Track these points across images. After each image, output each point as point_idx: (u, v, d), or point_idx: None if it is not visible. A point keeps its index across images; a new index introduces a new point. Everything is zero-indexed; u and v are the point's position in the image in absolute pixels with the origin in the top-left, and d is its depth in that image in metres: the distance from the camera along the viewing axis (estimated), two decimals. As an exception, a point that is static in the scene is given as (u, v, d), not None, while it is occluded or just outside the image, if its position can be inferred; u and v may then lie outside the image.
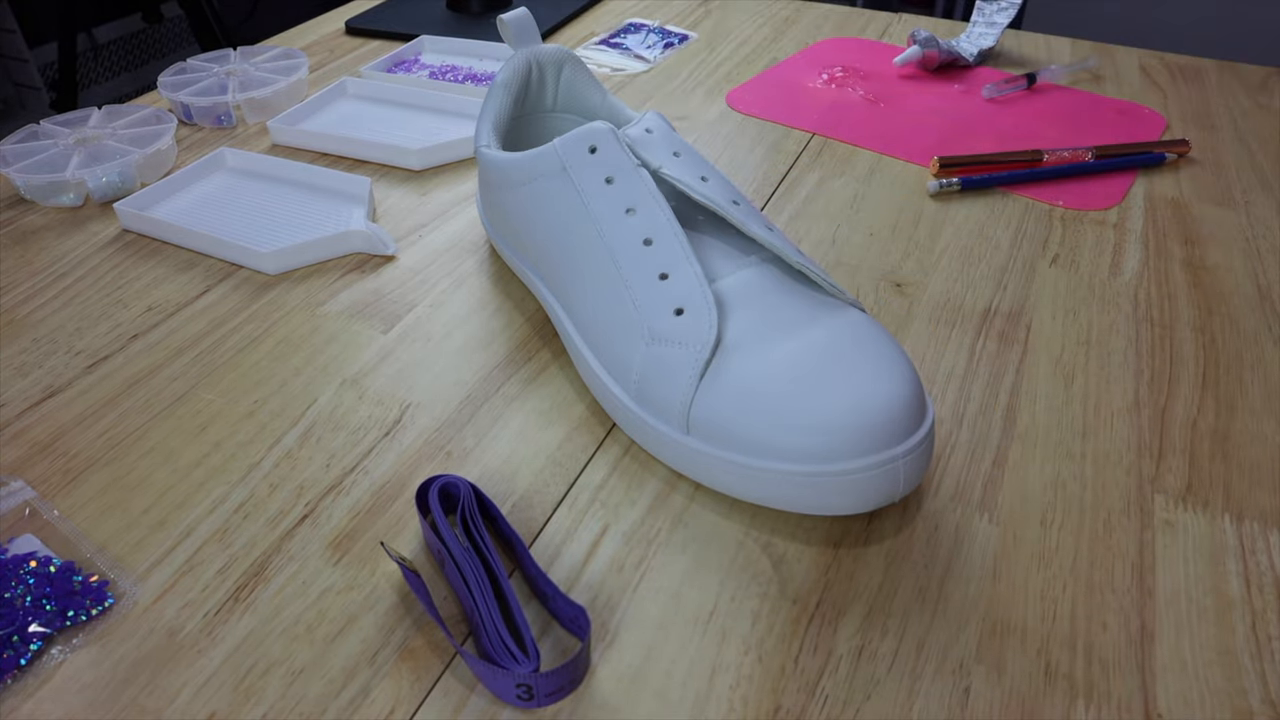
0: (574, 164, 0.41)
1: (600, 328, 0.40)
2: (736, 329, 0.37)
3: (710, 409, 0.36)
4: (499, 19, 0.49)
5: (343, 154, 0.63)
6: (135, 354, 0.46)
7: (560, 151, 0.41)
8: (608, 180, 0.40)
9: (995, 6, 0.80)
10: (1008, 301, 0.49)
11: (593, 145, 0.41)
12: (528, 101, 0.52)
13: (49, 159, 0.58)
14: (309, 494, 0.38)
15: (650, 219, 0.39)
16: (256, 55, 0.73)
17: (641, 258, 0.39)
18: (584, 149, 0.41)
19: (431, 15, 0.87)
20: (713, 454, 0.36)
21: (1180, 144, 0.63)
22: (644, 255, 0.39)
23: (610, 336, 0.39)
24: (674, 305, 0.37)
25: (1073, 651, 0.32)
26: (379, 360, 0.45)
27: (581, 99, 0.52)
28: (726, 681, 0.31)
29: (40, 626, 0.32)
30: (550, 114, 0.53)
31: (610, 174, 0.40)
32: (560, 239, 0.42)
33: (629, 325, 0.38)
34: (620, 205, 0.40)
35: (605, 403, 0.41)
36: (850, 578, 0.34)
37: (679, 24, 0.86)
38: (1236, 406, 0.42)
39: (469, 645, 0.32)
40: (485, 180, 0.48)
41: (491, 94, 0.49)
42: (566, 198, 0.41)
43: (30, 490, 0.38)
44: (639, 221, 0.39)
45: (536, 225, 0.44)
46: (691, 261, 0.38)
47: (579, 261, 0.41)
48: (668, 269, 0.38)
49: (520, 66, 0.50)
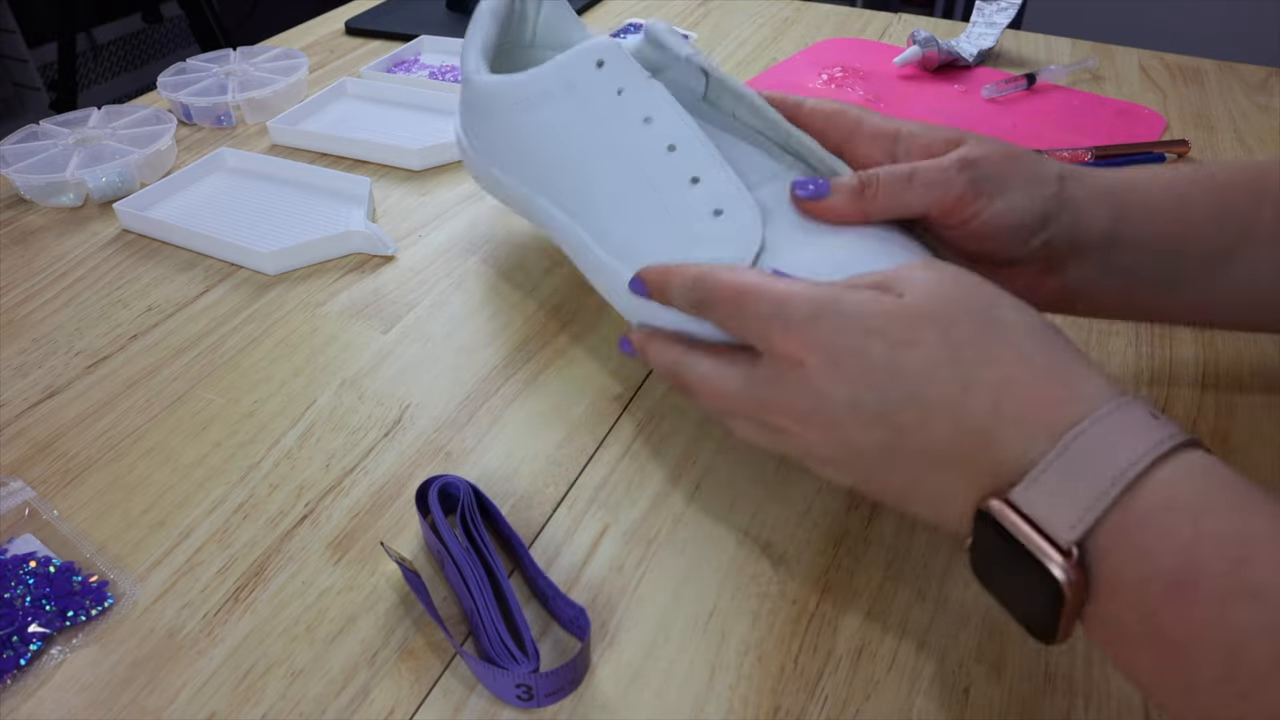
0: (581, 79, 0.40)
1: (630, 238, 0.39)
2: (776, 231, 0.36)
3: None
4: None
5: (343, 154, 0.63)
6: (135, 354, 0.46)
7: (565, 67, 0.40)
8: (619, 92, 0.39)
9: (995, 6, 0.80)
10: (1008, 301, 0.49)
11: (599, 59, 0.40)
12: (509, 34, 0.50)
13: (49, 159, 0.58)
14: (309, 494, 0.38)
15: (670, 126, 0.38)
16: (256, 55, 0.73)
17: (667, 164, 0.38)
18: (590, 64, 0.40)
19: (431, 15, 0.87)
20: None
21: (1180, 144, 0.63)
22: (669, 161, 0.38)
23: (642, 245, 0.38)
24: (712, 207, 0.37)
25: (1073, 651, 0.32)
26: (378, 360, 0.45)
27: (561, 33, 0.51)
28: (726, 681, 0.31)
29: (40, 627, 0.32)
30: (529, 49, 0.52)
31: (621, 85, 0.39)
32: (573, 156, 0.41)
33: (664, 232, 0.38)
34: (637, 115, 0.39)
35: (641, 314, 0.39)
36: (850, 578, 0.34)
37: (679, 24, 0.86)
38: (1236, 406, 0.42)
39: (469, 645, 0.32)
40: (475, 107, 0.47)
41: (478, 21, 0.48)
42: (576, 115, 0.40)
43: (30, 490, 0.38)
44: (659, 129, 0.38)
45: (543, 146, 0.42)
46: (721, 164, 0.37)
47: (597, 176, 0.40)
48: (698, 173, 0.37)
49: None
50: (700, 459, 0.39)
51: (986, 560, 0.27)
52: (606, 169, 0.39)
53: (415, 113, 0.68)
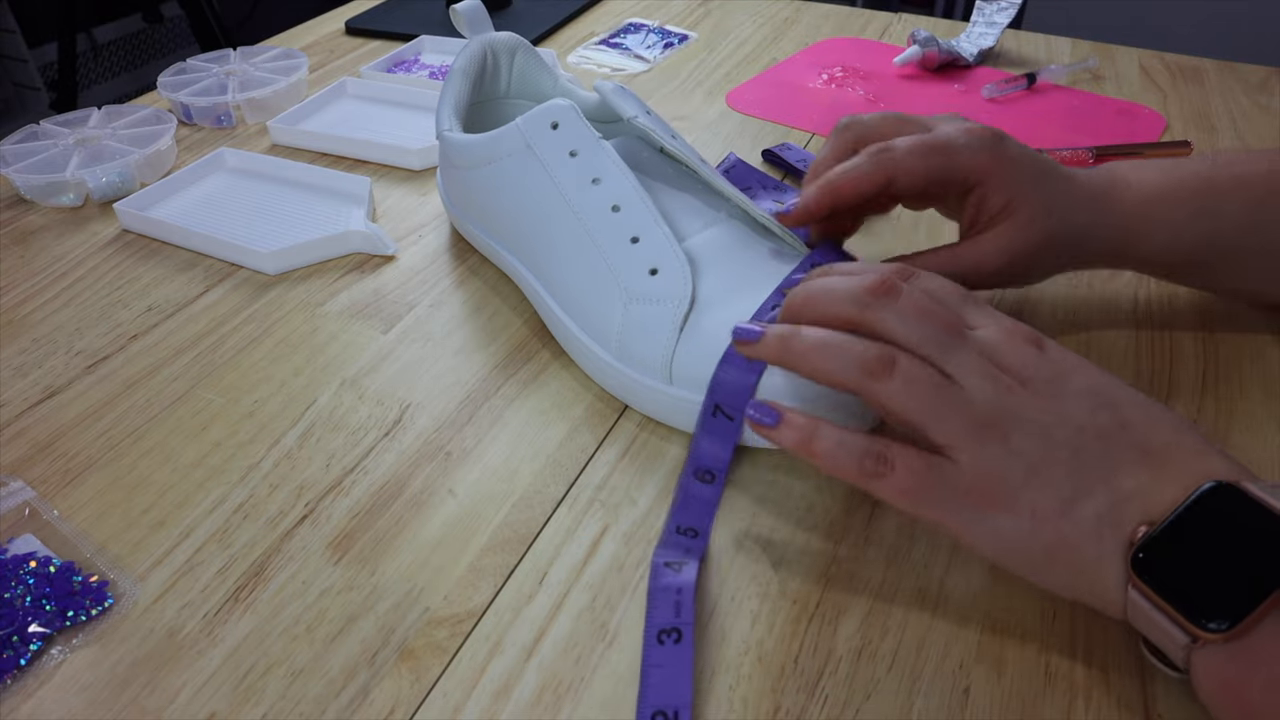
0: (537, 141, 0.43)
1: (578, 293, 0.42)
2: (709, 284, 0.40)
3: (691, 359, 0.38)
4: (452, 9, 0.51)
5: (343, 154, 0.63)
6: (135, 354, 0.46)
7: (524, 129, 0.43)
8: (571, 154, 0.42)
9: (995, 6, 0.80)
10: (1007, 302, 0.49)
11: (554, 121, 0.43)
12: (483, 88, 0.53)
13: (49, 159, 0.58)
14: (309, 494, 0.38)
15: (616, 186, 0.41)
16: (256, 55, 0.73)
17: (611, 224, 0.41)
18: (546, 125, 0.43)
19: (431, 15, 0.87)
20: (697, 400, 0.38)
21: (1181, 145, 0.63)
22: (613, 221, 0.41)
23: (588, 301, 0.41)
24: (648, 266, 0.40)
25: (1073, 651, 0.32)
26: (379, 360, 0.45)
27: (534, 84, 0.54)
28: (726, 681, 0.31)
29: (40, 626, 0.32)
30: (504, 100, 0.55)
31: (574, 147, 0.42)
32: (530, 212, 0.44)
33: (606, 288, 0.40)
34: (586, 176, 0.42)
35: (587, 365, 0.43)
36: (850, 578, 0.34)
37: (679, 24, 0.86)
38: (1236, 406, 0.42)
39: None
40: (449, 162, 0.49)
41: (450, 80, 0.51)
42: (533, 173, 0.43)
43: (30, 490, 0.38)
44: (605, 190, 0.41)
45: (505, 202, 0.45)
46: (660, 224, 0.40)
47: (551, 232, 0.43)
48: (638, 232, 0.40)
49: (476, 53, 0.51)
50: (700, 459, 0.39)
51: (1195, 540, 0.27)
52: (559, 227, 0.42)
53: (415, 113, 0.68)
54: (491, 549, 0.35)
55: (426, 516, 0.37)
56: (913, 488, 0.30)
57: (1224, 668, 0.26)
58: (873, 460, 0.30)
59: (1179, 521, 0.27)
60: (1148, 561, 0.27)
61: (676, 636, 0.30)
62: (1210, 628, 0.26)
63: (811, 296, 0.34)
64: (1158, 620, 0.27)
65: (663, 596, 0.32)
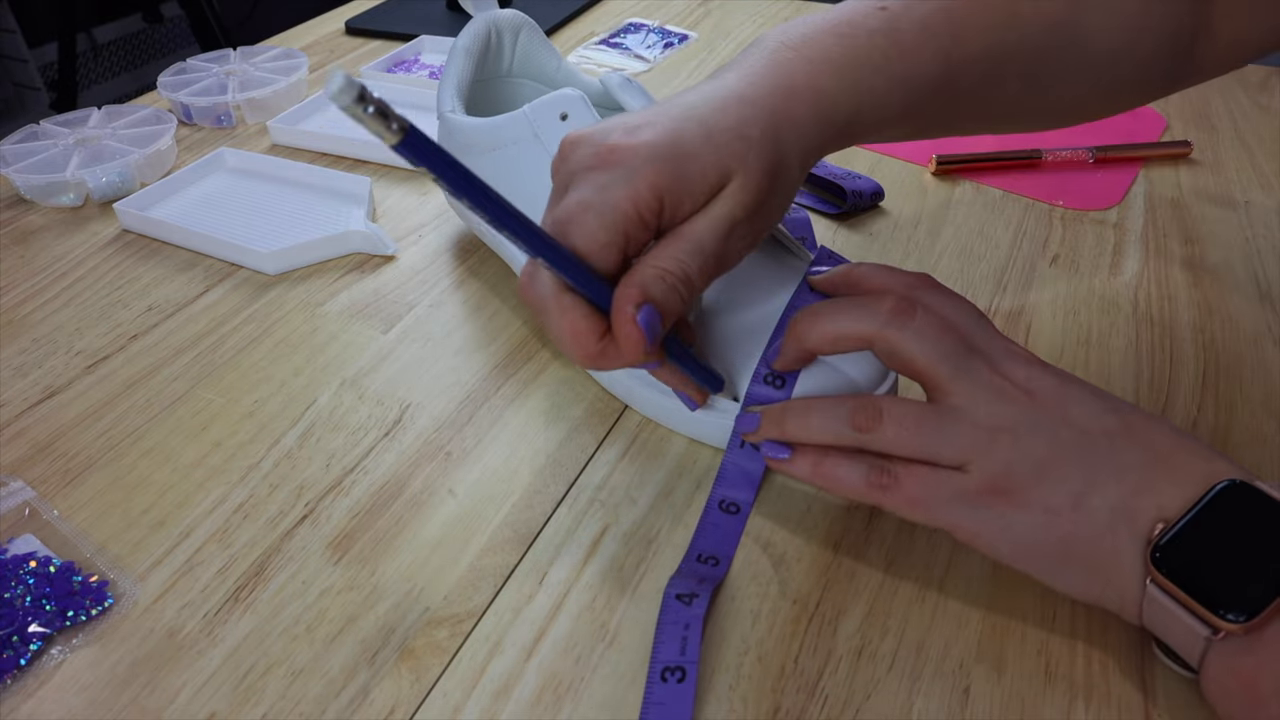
0: (545, 130, 0.42)
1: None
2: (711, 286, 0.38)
3: None
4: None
5: (343, 154, 0.63)
6: (135, 354, 0.46)
7: (531, 118, 0.43)
8: None
9: (995, 6, 0.80)
10: (1008, 302, 0.49)
11: (564, 112, 0.42)
12: (486, 66, 0.52)
13: (49, 159, 0.58)
14: (309, 494, 0.38)
15: None
16: (256, 55, 0.73)
17: None
18: (555, 115, 0.42)
19: (431, 15, 0.87)
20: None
21: (1182, 145, 0.63)
22: None
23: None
24: None
25: (1073, 651, 0.32)
26: (379, 360, 0.45)
27: (537, 64, 0.53)
28: (726, 681, 0.31)
29: (40, 626, 0.32)
30: (506, 79, 0.54)
31: None
32: (534, 202, 0.42)
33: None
34: None
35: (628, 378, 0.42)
36: (850, 578, 0.34)
37: (679, 24, 0.86)
38: (1236, 407, 0.42)
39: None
40: (449, 144, 0.48)
41: (452, 59, 0.50)
42: (539, 163, 0.42)
43: (30, 490, 0.38)
44: None
45: (507, 189, 0.44)
46: None
47: None
48: None
49: (480, 31, 0.51)
50: (700, 459, 0.39)
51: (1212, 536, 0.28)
52: None
53: (415, 113, 0.68)
54: (491, 549, 0.35)
55: (426, 516, 0.37)
56: (922, 496, 0.31)
57: (1238, 659, 0.27)
58: (879, 474, 0.32)
59: (1197, 518, 0.28)
60: (1166, 557, 0.28)
61: (680, 675, 0.30)
62: (1229, 619, 0.27)
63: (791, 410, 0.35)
64: (1177, 615, 0.28)
65: (670, 631, 0.32)
